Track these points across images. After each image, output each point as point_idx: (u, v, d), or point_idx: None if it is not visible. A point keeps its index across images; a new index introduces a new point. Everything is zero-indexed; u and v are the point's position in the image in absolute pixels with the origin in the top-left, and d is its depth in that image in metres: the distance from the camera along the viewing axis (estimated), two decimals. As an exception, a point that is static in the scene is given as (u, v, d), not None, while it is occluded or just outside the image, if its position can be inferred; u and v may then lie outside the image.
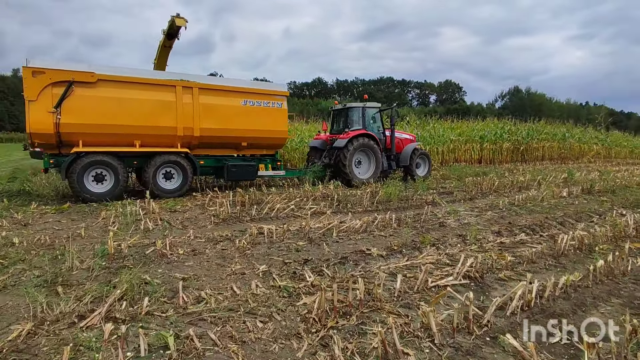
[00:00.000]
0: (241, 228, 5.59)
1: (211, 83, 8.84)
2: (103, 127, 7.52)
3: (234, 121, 8.85)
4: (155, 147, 8.06)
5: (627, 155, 29.09)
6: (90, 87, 7.40)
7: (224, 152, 9.19)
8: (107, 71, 7.65)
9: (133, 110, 7.76)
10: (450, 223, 6.11)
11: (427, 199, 8.19)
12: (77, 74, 7.27)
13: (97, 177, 7.57)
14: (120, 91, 7.67)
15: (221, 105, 8.71)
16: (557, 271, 3.87)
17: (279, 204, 6.88)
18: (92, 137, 7.45)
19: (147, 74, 8.17)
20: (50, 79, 7.04)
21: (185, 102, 8.23)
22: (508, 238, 5.09)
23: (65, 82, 7.12)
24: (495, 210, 7.20)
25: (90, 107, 7.38)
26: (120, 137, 7.72)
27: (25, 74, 6.94)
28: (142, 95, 7.88)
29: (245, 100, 9.04)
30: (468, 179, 10.40)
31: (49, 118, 7.01)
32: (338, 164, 10.35)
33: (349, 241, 4.94)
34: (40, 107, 6.98)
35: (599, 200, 8.32)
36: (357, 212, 6.96)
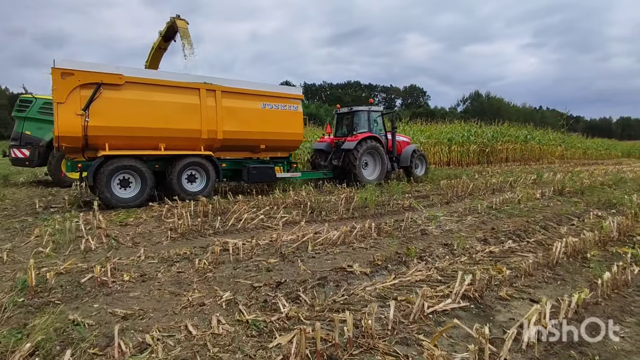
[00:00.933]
0: (203, 244, 4.88)
1: (233, 86, 8.71)
2: (130, 130, 7.33)
3: (254, 124, 8.88)
4: (180, 150, 7.98)
5: (581, 156, 30.74)
6: (118, 89, 7.21)
7: (242, 155, 9.26)
8: (135, 73, 7.49)
9: (159, 113, 7.63)
10: (432, 230, 5.71)
11: (404, 204, 7.81)
12: (106, 75, 7.07)
13: (122, 182, 7.38)
14: (146, 94, 7.53)
15: (242, 108, 8.72)
16: (557, 285, 3.51)
17: (246, 214, 6.21)
18: (119, 140, 7.26)
19: (172, 77, 8.04)
20: (79, 80, 6.81)
21: (208, 105, 8.20)
22: (496, 246, 4.74)
23: (93, 84, 6.92)
24: (474, 214, 6.92)
25: (117, 109, 7.17)
26: (146, 140, 7.57)
27: (54, 76, 6.67)
28: (168, 98, 7.77)
29: (264, 104, 9.12)
30: (443, 181, 10.18)
31: (78, 121, 6.77)
32: (348, 166, 10.66)
33: (327, 256, 4.38)
34: (68, 109, 6.74)
35: (571, 202, 8.31)
36: (333, 221, 6.43)
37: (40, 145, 10.22)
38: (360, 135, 10.87)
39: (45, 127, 10.16)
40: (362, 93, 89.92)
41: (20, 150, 10.02)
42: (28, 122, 10.25)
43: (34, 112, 10.29)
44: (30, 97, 10.52)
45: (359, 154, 10.58)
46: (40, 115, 10.28)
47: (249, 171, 8.91)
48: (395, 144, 11.95)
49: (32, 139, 10.18)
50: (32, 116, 10.26)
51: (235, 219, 6.02)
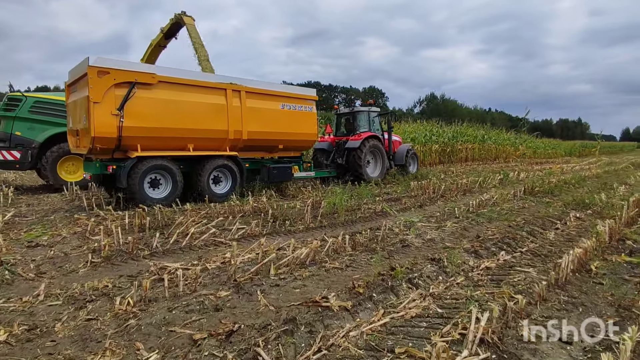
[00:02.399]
0: (133, 270, 3.79)
1: (256, 87, 8.68)
2: (162, 131, 7.21)
3: (275, 124, 8.93)
4: (207, 150, 7.92)
5: (531, 155, 32.21)
6: (150, 88, 7.03)
7: (259, 155, 9.26)
8: (167, 72, 7.33)
9: (189, 113, 7.52)
10: (412, 241, 5.00)
11: (376, 209, 7.09)
12: (140, 74, 6.90)
13: (153, 182, 7.29)
14: (177, 94, 7.39)
15: (264, 108, 8.74)
16: (578, 313, 2.87)
17: (194, 227, 5.14)
18: (151, 141, 7.12)
19: (201, 77, 8.05)
20: (114, 79, 6.60)
21: (234, 105, 8.16)
22: (489, 259, 4.09)
23: (127, 84, 6.72)
24: (452, 219, 6.33)
25: (150, 109, 7.01)
26: (176, 141, 7.48)
27: (91, 74, 6.38)
28: (197, 98, 7.66)
29: (283, 104, 9.18)
30: (413, 183, 9.63)
31: (113, 121, 6.57)
32: (352, 164, 11.07)
33: (295, 282, 3.48)
34: (104, 109, 6.49)
35: (544, 202, 8.04)
36: (299, 232, 5.54)
37: (33, 147, 9.39)
38: (364, 134, 11.29)
39: (37, 127, 9.48)
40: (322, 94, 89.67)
41: (9, 152, 9.23)
42: (18, 122, 9.40)
43: (24, 111, 9.45)
44: (19, 96, 9.70)
45: (364, 152, 10.98)
46: (31, 115, 9.49)
47: (270, 171, 8.98)
48: (391, 143, 12.45)
49: (23, 140, 9.35)
50: (22, 116, 9.42)
51: (179, 234, 4.94)
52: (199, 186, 7.71)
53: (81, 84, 6.94)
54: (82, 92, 6.85)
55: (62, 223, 5.90)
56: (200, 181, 7.71)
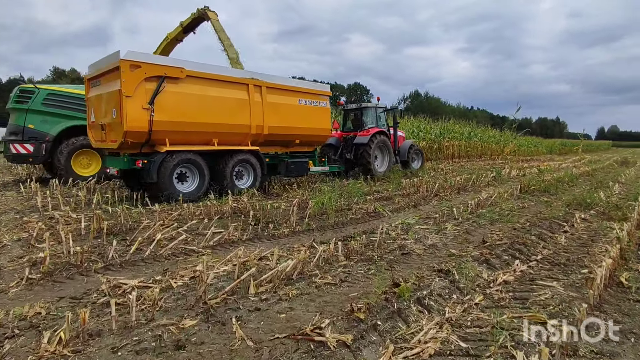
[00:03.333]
0: (78, 290, 3.07)
1: (275, 82, 8.73)
2: (190, 125, 7.17)
3: (293, 119, 8.99)
4: (230, 145, 7.95)
5: (515, 153, 32.39)
6: (178, 83, 6.99)
7: (277, 150, 9.32)
8: (194, 67, 7.24)
9: (215, 107, 7.53)
10: (412, 247, 4.42)
11: (368, 209, 6.51)
12: (169, 68, 6.84)
13: (180, 176, 7.28)
14: (204, 88, 7.38)
15: (284, 104, 8.78)
16: (632, 344, 2.33)
17: (161, 233, 4.41)
18: (178, 135, 7.07)
19: (225, 72, 8.05)
20: (145, 73, 6.54)
21: (256, 100, 8.17)
22: (504, 271, 3.55)
23: (156, 78, 6.67)
24: (452, 221, 5.81)
25: (178, 104, 6.96)
26: (202, 135, 7.49)
27: (123, 67, 6.31)
28: (222, 93, 7.66)
29: (301, 100, 9.24)
30: (405, 181, 9.10)
31: (144, 115, 6.52)
32: (361, 159, 11.24)
33: (279, 304, 2.84)
34: (136, 103, 6.43)
35: (543, 202, 7.64)
36: (284, 237, 4.89)
37: (47, 140, 9.13)
38: (372, 130, 11.49)
39: (50, 120, 9.23)
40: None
41: (22, 146, 8.98)
42: (31, 115, 9.10)
43: (37, 103, 9.16)
44: (32, 88, 9.39)
45: (372, 147, 11.16)
46: (44, 108, 9.21)
47: (288, 166, 9.13)
48: (396, 138, 12.66)
49: (36, 133, 9.08)
50: (35, 108, 9.13)
51: (143, 241, 4.21)
52: (223, 180, 7.73)
53: (108, 77, 6.80)
54: (110, 85, 6.72)
55: (7, 227, 5.07)
56: (224, 175, 7.74)
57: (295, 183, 9.94)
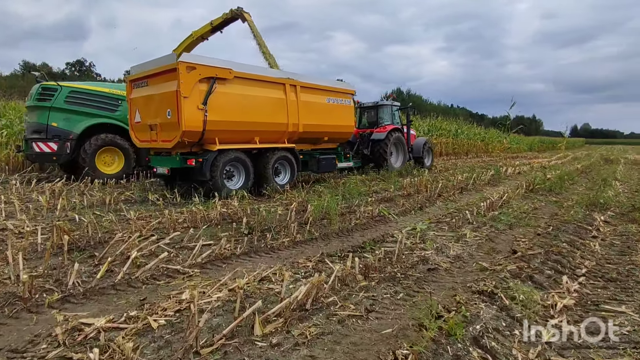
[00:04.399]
0: (20, 338, 2.29)
1: (308, 82, 9.01)
2: (237, 124, 7.42)
3: (323, 117, 9.26)
4: (270, 143, 8.17)
5: (499, 149, 32.58)
6: (226, 83, 7.18)
7: (307, 147, 9.51)
8: (241, 68, 7.48)
9: (258, 107, 7.76)
10: (435, 259, 3.83)
11: (373, 213, 5.88)
12: (219, 70, 7.03)
13: (227, 174, 7.49)
14: (248, 88, 7.61)
15: (315, 102, 9.07)
16: None
17: (137, 248, 3.64)
18: (227, 134, 7.29)
19: (265, 72, 8.32)
20: (199, 74, 6.70)
21: (291, 99, 8.42)
22: (558, 292, 2.99)
23: (208, 79, 6.85)
24: (467, 225, 5.27)
25: (227, 104, 7.16)
26: (246, 134, 7.73)
27: (181, 69, 6.44)
28: (263, 92, 7.90)
29: (329, 98, 9.54)
30: (406, 180, 8.53)
31: (199, 115, 6.67)
32: (378, 155, 11.68)
33: (296, 352, 2.16)
34: (192, 103, 6.57)
35: (552, 202, 7.23)
36: (285, 248, 4.20)
37: (71, 139, 8.98)
38: (388, 127, 11.95)
39: (73, 118, 9.10)
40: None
41: (46, 144, 8.85)
42: (54, 113, 8.95)
43: (60, 101, 9.02)
44: (54, 85, 9.20)
45: (390, 143, 11.69)
46: (66, 105, 9.08)
47: (319, 162, 9.44)
48: (409, 136, 13.01)
49: (60, 132, 8.92)
50: (58, 106, 8.99)
51: (115, 259, 3.44)
52: (264, 177, 7.94)
53: (161, 78, 6.93)
54: (161, 86, 6.88)
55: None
56: (265, 172, 7.94)
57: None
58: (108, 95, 9.63)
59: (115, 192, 7.36)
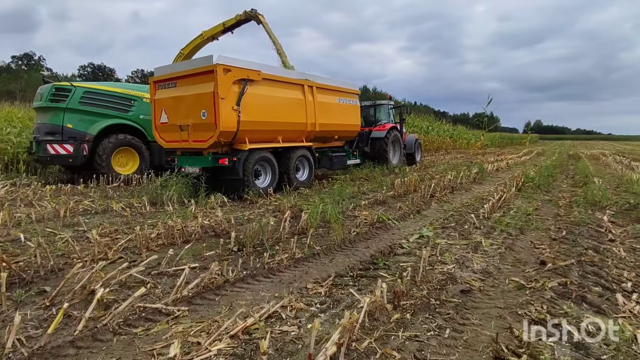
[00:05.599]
0: None
1: (322, 83, 9.32)
2: (264, 124, 7.57)
3: (334, 116, 9.62)
4: (291, 142, 8.39)
5: (465, 146, 33.37)
6: (255, 85, 7.31)
7: (318, 145, 9.68)
8: (267, 70, 7.72)
9: (281, 107, 7.99)
10: (463, 277, 3.34)
11: (371, 218, 5.34)
12: (250, 72, 7.19)
13: (255, 173, 7.58)
14: (273, 90, 7.80)
15: (328, 103, 9.39)
16: None
17: (103, 281, 2.85)
18: (255, 134, 7.44)
19: (287, 74, 8.61)
20: (234, 76, 6.88)
21: (309, 100, 8.69)
22: (623, 318, 2.57)
23: (240, 81, 6.98)
24: (475, 230, 4.86)
25: (256, 105, 7.28)
26: (272, 134, 7.89)
27: (218, 71, 6.61)
28: (285, 93, 8.12)
29: (339, 98, 9.92)
30: (396, 180, 8.08)
31: (234, 116, 6.83)
32: (378, 152, 12.16)
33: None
34: (227, 104, 6.73)
35: (546, 200, 7.04)
36: (286, 269, 3.55)
37: (87, 140, 8.85)
38: (387, 125, 12.57)
39: (87, 119, 8.98)
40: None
41: (62, 146, 8.65)
42: (68, 114, 8.79)
43: (74, 102, 8.85)
44: (68, 85, 9.06)
45: (389, 141, 12.22)
46: (81, 106, 8.93)
47: (331, 159, 9.95)
48: (402, 133, 13.54)
49: (75, 133, 8.76)
50: (72, 107, 8.82)
51: (73, 297, 2.64)
52: (287, 175, 8.15)
53: (193, 80, 7.02)
54: (195, 87, 6.97)
55: None
56: (288, 170, 8.16)
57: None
58: (121, 96, 9.53)
59: (71, 201, 6.34)
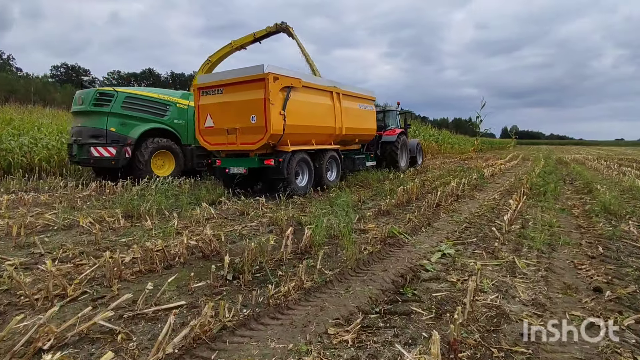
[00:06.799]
0: None
1: (347, 90, 10.00)
2: (303, 128, 8.22)
3: (357, 121, 10.34)
4: (324, 144, 9.05)
5: (449, 150, 33.40)
6: (297, 92, 7.96)
7: (341, 148, 10.00)
8: (306, 78, 8.48)
9: (316, 112, 8.69)
10: (512, 310, 2.76)
11: (382, 234, 4.71)
12: (293, 80, 7.83)
13: (295, 173, 8.03)
14: (310, 96, 8.49)
15: (352, 108, 10.11)
16: None
17: (55, 335, 2.08)
18: (295, 137, 8.01)
19: (320, 81, 9.27)
20: (281, 84, 7.48)
21: (336, 106, 9.32)
22: None
23: (286, 88, 7.61)
24: (500, 246, 4.31)
25: (296, 110, 7.89)
26: (308, 137, 8.52)
27: (269, 79, 7.22)
28: (319, 100, 8.85)
29: (360, 104, 10.63)
30: (399, 188, 7.48)
31: (281, 120, 7.43)
32: (389, 156, 12.80)
33: None
34: (276, 110, 7.34)
35: (559, 209, 6.60)
36: (296, 304, 2.86)
37: (129, 143, 9.29)
38: (396, 130, 13.33)
39: (128, 123, 9.42)
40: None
41: (106, 149, 9.05)
42: (111, 118, 9.19)
43: (117, 107, 9.29)
44: (110, 90, 9.51)
45: (399, 145, 12.88)
46: (123, 111, 9.37)
47: (354, 161, 10.61)
48: (407, 138, 14.35)
49: (118, 137, 9.18)
50: (115, 111, 9.25)
51: (10, 359, 1.87)
52: (320, 175, 8.73)
53: (242, 87, 7.58)
54: (244, 94, 7.53)
55: None
56: (321, 171, 8.76)
57: (265, 196, 7.78)
58: (158, 101, 10.00)
59: (30, 215, 5.44)
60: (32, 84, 40.78)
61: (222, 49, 12.50)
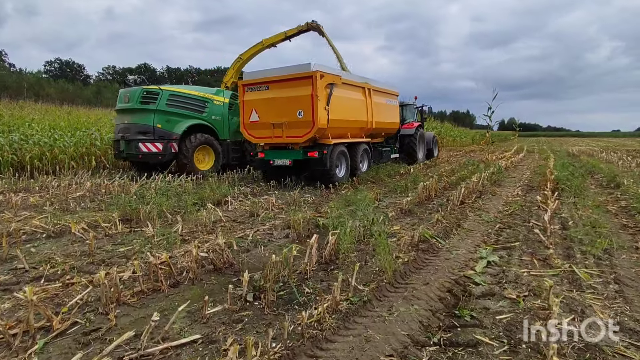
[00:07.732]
0: None
1: (376, 86, 10.42)
2: (343, 122, 8.56)
3: (384, 115, 10.79)
4: (356, 138, 9.45)
5: (451, 143, 32.88)
6: (338, 88, 8.30)
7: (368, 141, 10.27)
8: (345, 76, 8.88)
9: (352, 107, 9.07)
10: (612, 346, 2.23)
11: (413, 238, 4.18)
12: (334, 77, 8.25)
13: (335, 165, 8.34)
14: (348, 92, 8.85)
15: (380, 103, 10.58)
16: None
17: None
18: (336, 131, 8.39)
19: (355, 78, 9.55)
20: (326, 81, 7.91)
21: (368, 101, 9.72)
22: None
23: (329, 85, 8.02)
24: (547, 251, 3.79)
25: (337, 105, 8.22)
26: (345, 130, 8.88)
27: (317, 77, 7.65)
28: (354, 95, 9.23)
29: (387, 99, 11.14)
30: (420, 184, 6.94)
31: (325, 114, 7.85)
32: (408, 148, 12.99)
33: None
34: (321, 105, 7.76)
35: (592, 206, 6.09)
36: (335, 334, 2.34)
37: (174, 139, 9.62)
38: (414, 123, 13.55)
39: (172, 120, 9.74)
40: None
41: (154, 145, 9.45)
42: (158, 115, 9.54)
43: (162, 104, 9.64)
44: (156, 89, 9.78)
45: (417, 138, 13.13)
46: (167, 108, 9.71)
47: (381, 153, 11.32)
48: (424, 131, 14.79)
49: (164, 133, 9.54)
50: (161, 109, 9.61)
51: None
52: (355, 167, 9.20)
53: (290, 83, 8.05)
54: (291, 90, 8.00)
55: None
56: (356, 162, 9.25)
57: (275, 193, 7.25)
58: (197, 98, 10.32)
59: (16, 219, 4.88)
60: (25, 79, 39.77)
61: (253, 47, 12.77)
